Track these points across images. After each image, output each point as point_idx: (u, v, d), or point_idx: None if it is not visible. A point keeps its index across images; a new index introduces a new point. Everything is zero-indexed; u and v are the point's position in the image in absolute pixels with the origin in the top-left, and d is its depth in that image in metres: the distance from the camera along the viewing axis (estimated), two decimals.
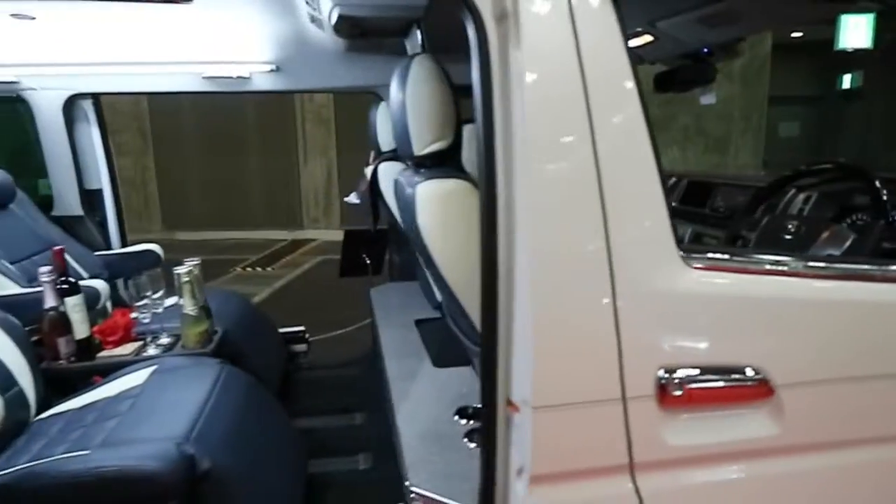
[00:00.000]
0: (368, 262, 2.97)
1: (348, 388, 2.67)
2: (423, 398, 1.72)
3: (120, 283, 2.71)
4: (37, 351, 1.80)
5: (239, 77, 2.68)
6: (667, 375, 1.04)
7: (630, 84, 0.99)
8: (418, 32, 1.80)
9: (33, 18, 2.29)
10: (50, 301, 1.82)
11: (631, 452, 1.06)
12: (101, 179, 2.88)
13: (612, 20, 0.98)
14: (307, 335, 2.89)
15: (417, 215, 1.19)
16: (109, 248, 2.89)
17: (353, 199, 2.72)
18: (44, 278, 1.80)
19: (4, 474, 1.34)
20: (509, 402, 1.08)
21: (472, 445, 1.45)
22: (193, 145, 8.46)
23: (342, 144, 8.24)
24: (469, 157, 1.33)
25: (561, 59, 0.97)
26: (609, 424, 1.05)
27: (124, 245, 2.99)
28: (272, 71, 2.67)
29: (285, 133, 8.36)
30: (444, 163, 1.28)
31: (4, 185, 2.41)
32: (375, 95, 2.81)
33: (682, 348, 1.05)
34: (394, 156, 2.49)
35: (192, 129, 8.37)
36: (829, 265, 1.12)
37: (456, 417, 1.59)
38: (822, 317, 1.09)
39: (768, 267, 1.09)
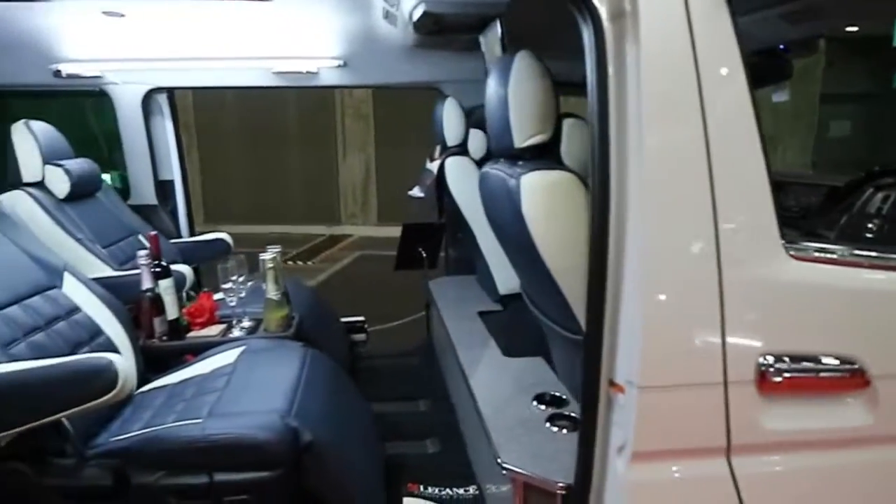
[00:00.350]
0: (424, 255, 3.04)
1: (407, 376, 2.75)
2: (499, 385, 1.78)
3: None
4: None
5: (308, 72, 2.78)
6: (767, 362, 1.08)
7: (742, 79, 1.04)
8: (498, 28, 1.86)
9: (122, 16, 2.43)
10: (147, 283, 1.93)
11: (729, 435, 1.11)
12: (173, 170, 3.02)
13: (726, 15, 1.03)
14: (366, 325, 2.98)
15: (522, 204, 1.26)
16: (179, 236, 3.03)
17: (416, 192, 2.79)
18: (141, 261, 1.92)
19: (126, 438, 1.45)
20: (612, 383, 1.14)
21: (555, 429, 1.51)
22: (235, 140, 8.65)
23: (381, 140, 8.35)
24: (568, 150, 1.38)
25: (677, 55, 1.02)
26: (710, 407, 1.10)
27: (192, 234, 3.12)
28: (339, 66, 2.76)
29: (325, 128, 8.49)
30: (542, 156, 1.35)
31: (94, 175, 2.55)
32: (439, 92, 2.89)
33: (782, 336, 1.09)
34: (460, 150, 2.57)
35: (234, 124, 8.56)
36: None
37: (535, 403, 1.65)
38: None
39: (868, 261, 1.12)
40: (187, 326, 2.07)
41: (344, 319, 2.91)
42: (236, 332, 2.05)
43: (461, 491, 1.82)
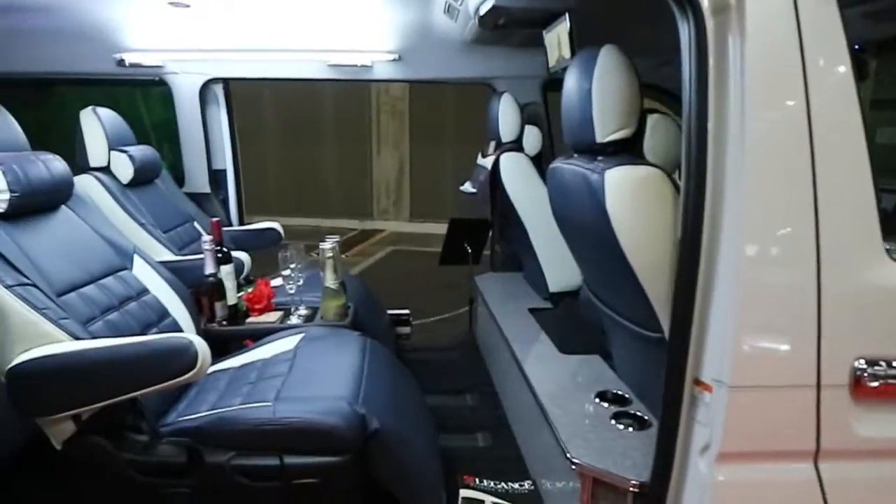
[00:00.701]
0: (470, 251, 3.03)
1: (452, 370, 2.75)
2: (559, 382, 1.77)
3: None
4: None
5: (362, 65, 2.80)
6: (863, 366, 1.06)
7: (849, 74, 1.02)
8: (566, 23, 1.85)
9: (188, 6, 2.47)
10: (210, 268, 1.97)
11: (818, 439, 1.09)
12: (226, 160, 3.07)
13: (834, 8, 1.01)
14: (411, 318, 2.99)
15: (606, 200, 1.25)
16: (230, 224, 3.08)
17: (468, 188, 2.80)
18: (206, 246, 1.96)
19: (197, 418, 1.48)
20: (697, 382, 1.13)
21: (621, 427, 1.49)
22: (272, 134, 8.74)
23: (415, 137, 8.37)
24: (652, 146, 1.37)
25: (783, 49, 1.01)
26: (800, 409, 1.08)
27: (241, 222, 3.17)
28: (394, 60, 2.78)
29: (360, 124, 8.54)
30: (625, 151, 1.33)
31: (155, 162, 2.61)
32: (490, 88, 2.88)
33: (880, 341, 1.06)
34: (515, 146, 2.56)
35: (271, 118, 8.66)
36: None
37: (597, 400, 1.64)
38: None
39: None
40: (246, 312, 2.11)
41: (389, 312, 2.92)
42: (294, 320, 2.08)
43: (516, 485, 1.81)
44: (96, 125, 2.39)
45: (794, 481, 1.12)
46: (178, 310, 1.87)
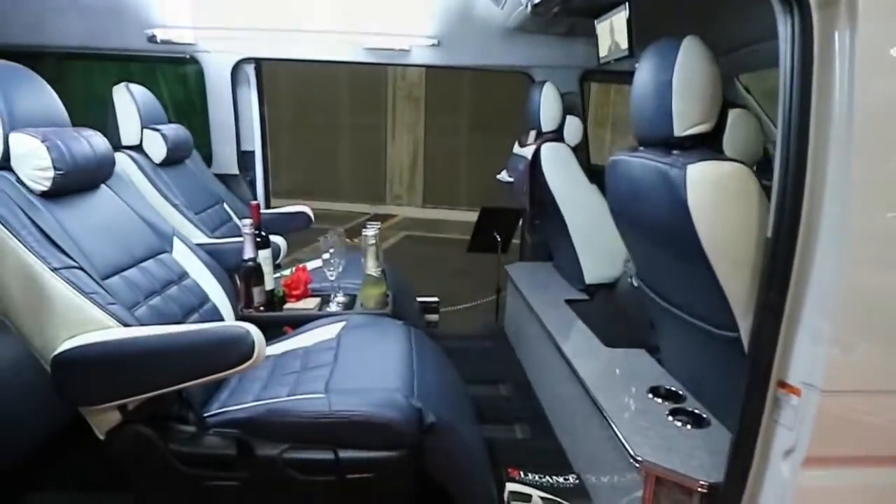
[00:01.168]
0: (499, 240, 3.00)
1: (482, 359, 2.72)
2: (609, 375, 1.74)
3: None
4: None
5: (400, 50, 2.74)
6: None
7: None
8: (624, 13, 1.79)
9: None
10: (249, 252, 1.92)
11: None
12: (255, 141, 3.01)
13: None
14: (439, 306, 2.96)
15: (687, 195, 1.20)
16: None
17: (504, 177, 2.75)
18: (245, 230, 1.91)
19: (245, 408, 1.43)
20: (781, 384, 1.09)
21: (679, 424, 1.46)
22: (286, 118, 8.66)
23: (430, 124, 8.30)
24: (732, 141, 1.32)
25: (895, 45, 0.96)
26: (891, 414, 1.05)
27: (268, 205, 3.12)
28: (432, 45, 2.71)
29: (376, 109, 8.47)
30: (704, 145, 1.29)
31: (187, 141, 2.56)
32: (528, 77, 2.83)
33: None
34: (556, 136, 2.51)
35: (285, 101, 8.56)
36: None
37: (650, 396, 1.60)
38: None
39: None
40: (283, 298, 2.07)
41: (419, 299, 2.88)
42: (333, 307, 2.04)
43: (560, 479, 1.79)
44: (129, 102, 2.33)
45: (879, 486, 1.09)
46: (218, 294, 1.82)
